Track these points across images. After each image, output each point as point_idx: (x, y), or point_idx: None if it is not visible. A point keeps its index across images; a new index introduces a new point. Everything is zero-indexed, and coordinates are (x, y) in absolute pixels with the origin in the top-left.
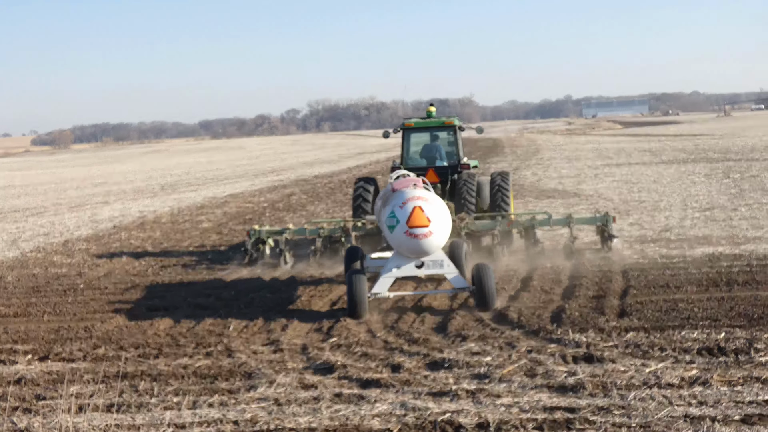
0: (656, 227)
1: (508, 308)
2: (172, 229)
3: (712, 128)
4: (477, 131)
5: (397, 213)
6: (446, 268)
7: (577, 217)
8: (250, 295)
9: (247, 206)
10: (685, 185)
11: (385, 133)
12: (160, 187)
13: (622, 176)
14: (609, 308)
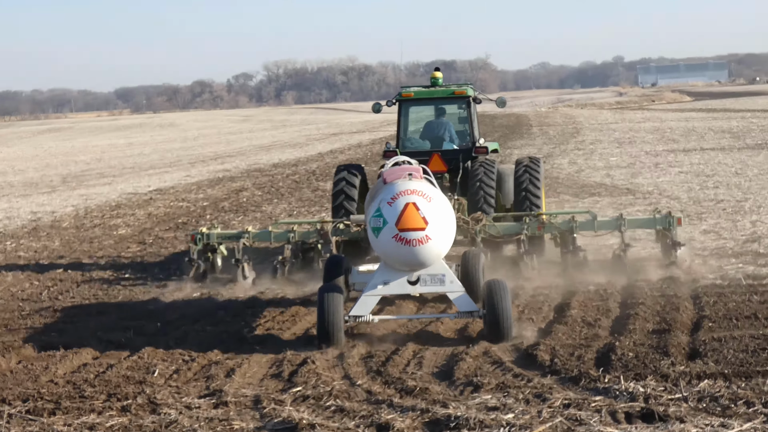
0: (739, 237)
1: (537, 346)
2: (76, 236)
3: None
4: (498, 104)
5: (384, 211)
6: (449, 286)
7: (630, 218)
8: (183, 327)
9: (180, 206)
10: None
11: (375, 107)
12: (61, 179)
13: (692, 166)
14: (675, 347)
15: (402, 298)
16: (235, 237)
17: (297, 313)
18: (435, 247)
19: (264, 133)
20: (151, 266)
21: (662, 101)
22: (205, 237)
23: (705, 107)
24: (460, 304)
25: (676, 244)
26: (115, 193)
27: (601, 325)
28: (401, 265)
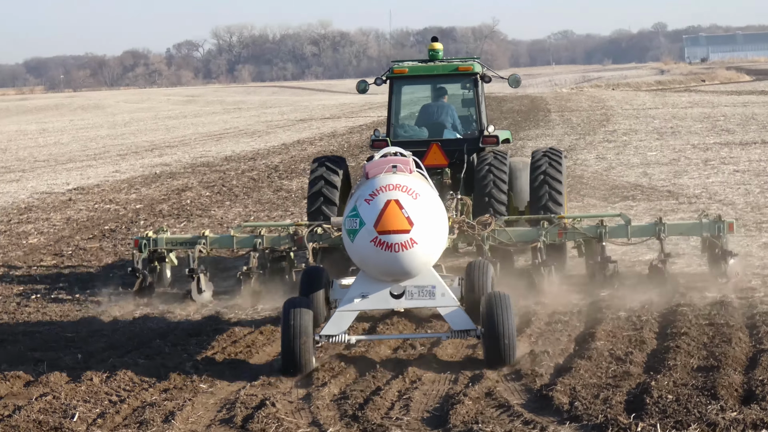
0: None
1: (553, 386)
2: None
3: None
4: (510, 83)
5: (361, 210)
6: (439, 300)
7: (671, 224)
8: (110, 359)
9: (106, 208)
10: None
11: (360, 85)
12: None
13: (750, 164)
14: (725, 388)
15: (391, 316)
16: (189, 243)
17: (254, 342)
18: (422, 253)
19: (213, 118)
20: (70, 283)
21: (714, 81)
22: (152, 243)
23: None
24: (454, 321)
25: (726, 254)
26: (24, 193)
27: (633, 360)
28: (382, 275)
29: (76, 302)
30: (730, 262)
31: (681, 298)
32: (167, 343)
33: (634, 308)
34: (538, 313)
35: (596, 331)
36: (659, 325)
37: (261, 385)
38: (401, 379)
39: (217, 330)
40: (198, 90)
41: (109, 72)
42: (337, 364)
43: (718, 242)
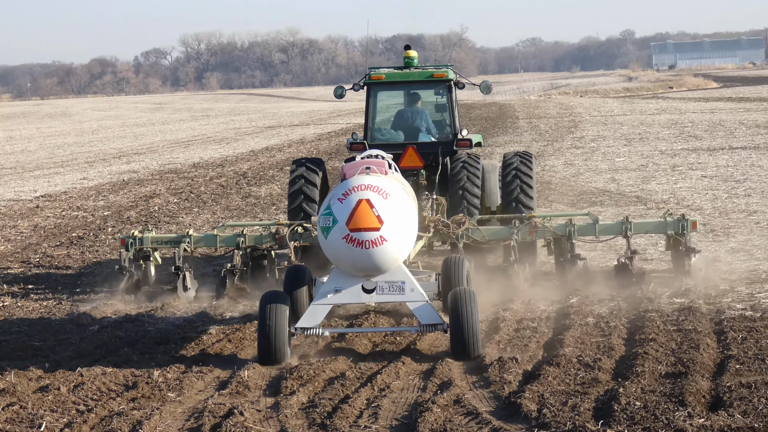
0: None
1: (521, 393)
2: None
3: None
4: (482, 90)
5: (334, 209)
6: (409, 295)
7: (636, 222)
8: (78, 367)
9: (74, 215)
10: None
11: (338, 91)
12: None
13: (718, 169)
14: (693, 395)
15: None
16: (173, 242)
17: (222, 350)
18: (391, 249)
19: (181, 125)
20: (37, 290)
21: (682, 88)
22: (138, 242)
23: (735, 96)
24: (423, 315)
25: (690, 250)
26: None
27: (601, 366)
28: (354, 270)
29: (44, 310)
30: (694, 259)
31: (649, 303)
32: (135, 351)
33: (602, 314)
34: (506, 320)
35: (564, 338)
36: (627, 332)
37: (229, 393)
38: (370, 386)
39: (186, 338)
40: (166, 97)
41: (77, 80)
42: (305, 372)
43: (682, 240)
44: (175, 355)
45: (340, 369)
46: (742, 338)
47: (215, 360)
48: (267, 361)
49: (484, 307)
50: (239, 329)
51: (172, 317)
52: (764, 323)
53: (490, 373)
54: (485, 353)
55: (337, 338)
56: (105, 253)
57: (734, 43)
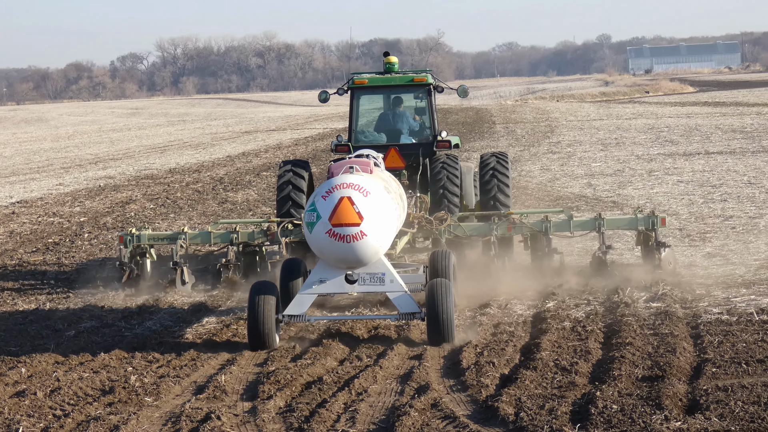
0: (751, 262)
1: (498, 397)
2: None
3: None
4: (459, 94)
5: (318, 206)
6: (388, 285)
7: (609, 218)
8: (56, 372)
9: (50, 221)
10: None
11: (322, 95)
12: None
13: (694, 174)
14: (670, 398)
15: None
16: (170, 238)
17: (198, 356)
18: (371, 243)
19: (157, 131)
20: (12, 296)
21: (658, 92)
22: (136, 238)
23: (711, 100)
24: (401, 304)
25: (660, 245)
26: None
27: (578, 370)
28: (337, 263)
29: (20, 315)
30: (664, 253)
31: (626, 308)
32: (112, 357)
33: (579, 318)
34: (483, 324)
35: (541, 342)
36: (604, 335)
37: (206, 398)
38: (347, 391)
39: (162, 343)
40: (142, 102)
41: (53, 85)
42: (282, 377)
43: (652, 235)
44: (151, 361)
45: (317, 373)
46: (718, 342)
47: (192, 365)
48: (256, 346)
49: (467, 297)
50: (215, 334)
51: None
52: (740, 327)
53: (468, 376)
54: (462, 357)
55: (314, 343)
56: (82, 258)
57: (710, 48)
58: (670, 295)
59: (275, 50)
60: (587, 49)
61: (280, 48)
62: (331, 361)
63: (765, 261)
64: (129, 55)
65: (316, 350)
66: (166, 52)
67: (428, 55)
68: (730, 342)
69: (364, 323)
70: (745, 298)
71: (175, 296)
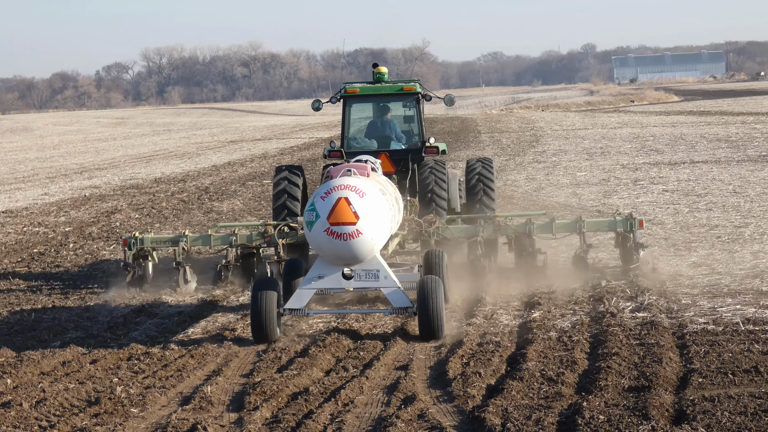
0: (737, 271)
1: (485, 408)
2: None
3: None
4: (446, 102)
5: (317, 205)
6: (383, 281)
7: (589, 221)
8: (41, 383)
9: (35, 231)
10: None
11: (315, 104)
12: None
13: (679, 183)
14: (656, 408)
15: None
16: (172, 241)
17: (185, 366)
18: (367, 241)
19: (143, 140)
20: None
21: (643, 102)
22: (139, 241)
23: (696, 109)
24: (394, 299)
25: (638, 246)
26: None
27: (564, 380)
28: (334, 259)
29: (5, 326)
30: (642, 253)
31: (611, 318)
32: (98, 368)
33: (565, 329)
34: (469, 334)
35: (527, 352)
36: (590, 346)
37: (192, 409)
38: (334, 402)
39: (148, 354)
40: (128, 112)
41: (38, 94)
42: (269, 387)
43: (631, 236)
44: (137, 371)
45: (303, 384)
46: (704, 352)
47: (177, 376)
48: (259, 338)
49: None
50: (201, 344)
51: (137, 332)
52: (726, 337)
53: (454, 387)
54: (449, 367)
55: (300, 353)
56: (67, 268)
57: (695, 57)
58: (656, 305)
59: (260, 60)
60: (572, 58)
61: (265, 58)
62: (318, 372)
63: (750, 270)
64: (114, 65)
65: (302, 361)
66: (152, 61)
67: (414, 65)
68: (717, 352)
69: (358, 324)
70: (731, 308)
71: (178, 297)
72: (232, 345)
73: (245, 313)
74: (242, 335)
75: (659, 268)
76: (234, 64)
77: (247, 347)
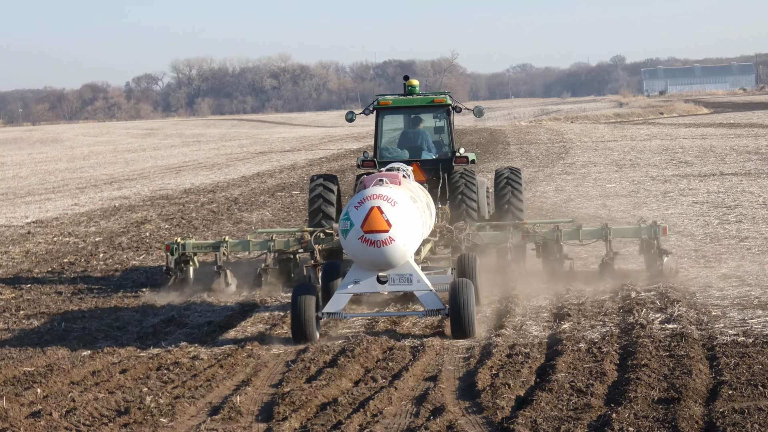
0: (767, 283)
1: (514, 419)
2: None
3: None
4: (475, 114)
5: (351, 215)
6: (415, 285)
7: (615, 228)
8: (71, 393)
9: (65, 241)
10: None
11: (348, 115)
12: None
13: (709, 195)
14: (686, 420)
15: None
16: (212, 246)
17: (214, 375)
18: (399, 248)
19: (172, 151)
20: (28, 317)
21: (672, 114)
22: (181, 247)
23: (726, 121)
24: (427, 302)
25: (662, 252)
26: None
27: (594, 392)
28: (369, 265)
29: (35, 335)
30: (665, 260)
31: (641, 329)
32: (127, 377)
33: (594, 340)
34: (498, 345)
35: (557, 363)
36: (620, 357)
37: (221, 419)
38: (362, 412)
39: (178, 364)
40: (157, 123)
41: (68, 105)
42: (297, 398)
43: (655, 243)
44: (167, 381)
45: (332, 394)
46: (734, 364)
47: (207, 386)
48: (299, 339)
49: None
50: (230, 354)
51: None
52: (756, 349)
53: (483, 398)
54: (478, 379)
55: (328, 364)
56: (97, 277)
57: (725, 69)
58: (686, 317)
59: (290, 71)
60: (601, 70)
61: (294, 69)
62: (346, 382)
63: None
64: (144, 76)
65: (331, 371)
66: (181, 73)
67: (442, 76)
68: (747, 364)
69: (387, 335)
70: (761, 320)
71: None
72: (261, 355)
73: (275, 322)
74: (272, 345)
75: (681, 273)
76: (263, 75)
77: (276, 357)
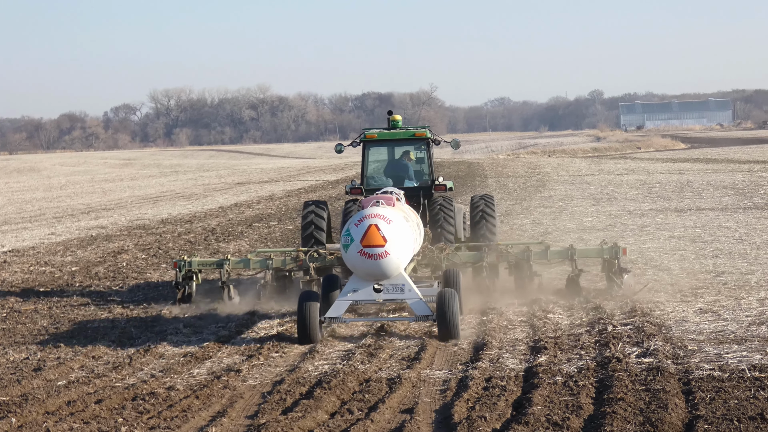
0: (743, 318)
1: None
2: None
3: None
4: (452, 146)
5: (351, 231)
6: (407, 294)
7: (579, 248)
8: (46, 423)
9: (41, 270)
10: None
11: (338, 147)
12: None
13: (686, 230)
14: None
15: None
16: (216, 264)
17: (189, 407)
18: (393, 260)
19: (150, 181)
20: (3, 347)
21: (650, 148)
22: (188, 264)
23: (703, 157)
24: (417, 309)
25: (622, 270)
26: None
27: (570, 425)
28: (367, 276)
29: (10, 365)
30: (625, 277)
31: (617, 363)
32: (103, 407)
33: (570, 373)
34: (475, 377)
35: (533, 396)
36: (596, 390)
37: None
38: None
39: (153, 394)
40: (135, 153)
41: (46, 135)
42: (273, 429)
43: (616, 262)
44: (142, 411)
45: (308, 426)
46: (710, 398)
47: (182, 416)
48: (304, 341)
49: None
50: (206, 385)
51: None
52: (732, 384)
53: (459, 431)
54: (454, 411)
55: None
56: (73, 307)
57: (702, 105)
58: (662, 351)
59: (269, 103)
60: (579, 104)
61: (273, 100)
62: (322, 414)
63: (757, 317)
64: (122, 106)
65: (307, 403)
66: (160, 103)
67: (421, 109)
68: (722, 398)
69: (363, 366)
70: (737, 355)
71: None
72: (237, 386)
73: (251, 353)
74: (247, 376)
75: (658, 308)
76: (242, 106)
77: (252, 389)
